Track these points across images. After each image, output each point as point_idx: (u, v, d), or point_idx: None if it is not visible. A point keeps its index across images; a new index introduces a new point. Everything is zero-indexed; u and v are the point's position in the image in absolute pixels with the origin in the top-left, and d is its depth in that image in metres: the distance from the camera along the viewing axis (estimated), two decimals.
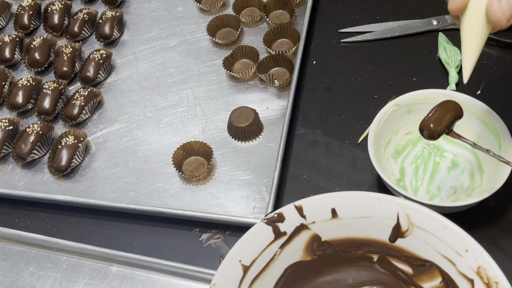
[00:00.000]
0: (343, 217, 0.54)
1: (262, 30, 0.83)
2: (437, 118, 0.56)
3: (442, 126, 0.56)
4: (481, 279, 0.49)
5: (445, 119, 0.56)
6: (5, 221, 0.71)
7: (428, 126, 0.56)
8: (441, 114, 0.56)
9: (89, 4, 0.92)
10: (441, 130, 0.56)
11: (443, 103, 0.57)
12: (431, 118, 0.56)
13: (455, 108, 0.57)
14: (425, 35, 0.80)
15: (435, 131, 0.56)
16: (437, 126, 0.56)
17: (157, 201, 0.69)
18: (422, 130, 0.56)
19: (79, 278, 0.65)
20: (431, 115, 0.56)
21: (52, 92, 0.78)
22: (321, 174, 0.69)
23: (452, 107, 0.57)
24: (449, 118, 0.56)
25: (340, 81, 0.77)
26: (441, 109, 0.56)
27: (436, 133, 0.56)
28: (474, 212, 0.61)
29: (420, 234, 0.52)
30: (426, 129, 0.56)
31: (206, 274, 0.61)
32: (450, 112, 0.56)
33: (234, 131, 0.73)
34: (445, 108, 0.56)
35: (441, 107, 0.57)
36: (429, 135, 0.56)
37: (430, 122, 0.56)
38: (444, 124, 0.56)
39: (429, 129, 0.56)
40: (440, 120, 0.56)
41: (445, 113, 0.56)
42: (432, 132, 0.56)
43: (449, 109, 0.56)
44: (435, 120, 0.56)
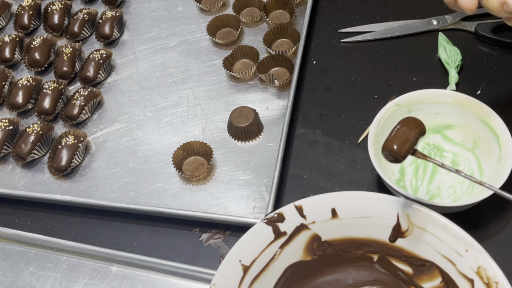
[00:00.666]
0: (343, 217, 0.54)
1: (262, 30, 0.83)
2: (400, 139, 0.51)
3: (407, 147, 0.51)
4: (481, 279, 0.49)
5: (409, 139, 0.51)
6: (5, 221, 0.71)
7: (391, 149, 0.50)
8: (404, 134, 0.51)
9: (89, 4, 0.92)
10: (406, 151, 0.51)
11: (404, 122, 0.52)
12: (394, 140, 0.51)
13: (417, 125, 0.52)
14: (425, 35, 0.80)
15: (400, 153, 0.50)
16: (401, 148, 0.50)
17: (157, 201, 0.69)
18: (386, 153, 0.51)
19: (79, 278, 0.65)
20: (393, 136, 0.51)
21: (52, 92, 0.78)
22: (321, 174, 0.69)
23: (414, 124, 0.52)
24: (413, 137, 0.51)
25: (340, 81, 0.77)
26: (403, 129, 0.51)
27: (401, 155, 0.50)
28: (474, 212, 0.61)
29: (420, 234, 0.52)
30: (389, 152, 0.51)
31: (206, 274, 0.61)
32: (413, 130, 0.51)
33: (234, 131, 0.73)
34: (407, 127, 0.51)
35: (403, 126, 0.51)
36: (394, 158, 0.51)
37: (393, 143, 0.51)
38: (408, 145, 0.51)
39: (393, 151, 0.50)
40: (404, 141, 0.51)
41: (408, 132, 0.51)
42: (396, 154, 0.50)
43: (411, 127, 0.51)
44: (399, 141, 0.50)
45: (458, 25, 0.79)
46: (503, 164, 0.59)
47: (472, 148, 0.65)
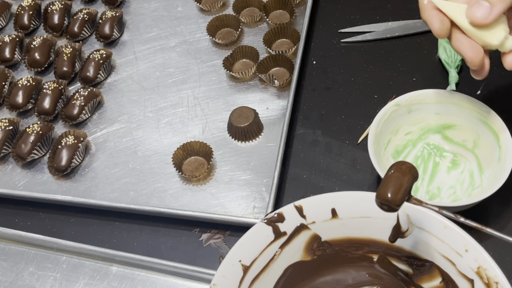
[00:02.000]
0: (343, 217, 0.54)
1: (262, 30, 0.83)
2: (393, 188, 0.48)
3: (401, 195, 0.48)
4: (481, 279, 0.49)
5: (403, 186, 0.48)
6: (5, 221, 0.71)
7: (386, 198, 0.48)
8: (397, 182, 0.48)
9: (89, 4, 0.92)
10: (401, 199, 0.48)
11: (396, 167, 0.49)
12: (387, 189, 0.48)
13: (409, 170, 0.49)
14: (425, 35, 0.80)
15: (395, 202, 0.48)
16: (396, 196, 0.48)
17: (157, 201, 0.69)
18: (380, 203, 0.49)
19: (79, 278, 0.65)
20: (385, 185, 0.48)
21: (52, 92, 0.78)
22: (321, 174, 0.69)
23: (406, 170, 0.49)
24: (406, 184, 0.48)
25: (340, 81, 0.77)
26: (395, 176, 0.48)
27: (396, 204, 0.48)
28: (474, 212, 0.61)
29: (420, 234, 0.52)
30: (384, 202, 0.48)
31: (206, 274, 0.61)
32: (405, 176, 0.48)
33: (234, 131, 0.73)
34: (399, 174, 0.49)
35: (395, 173, 0.49)
36: (389, 208, 0.49)
37: (386, 193, 0.48)
38: (402, 192, 0.48)
39: (388, 201, 0.48)
40: (398, 189, 0.48)
41: (401, 179, 0.48)
42: (391, 203, 0.48)
43: (404, 173, 0.49)
44: (392, 190, 0.48)
45: None
46: (503, 164, 0.59)
47: (472, 148, 0.65)
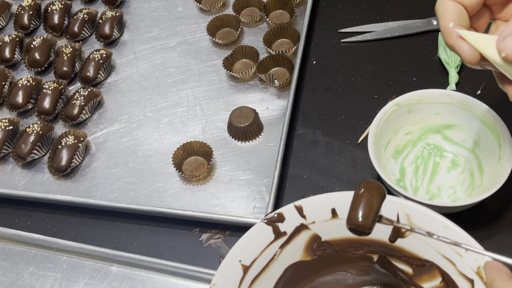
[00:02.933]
0: (343, 217, 0.54)
1: (262, 30, 0.83)
2: (363, 211, 0.46)
3: (372, 218, 0.47)
4: (481, 279, 0.49)
5: (372, 209, 0.47)
6: (5, 221, 0.71)
7: (357, 223, 0.46)
8: (366, 205, 0.47)
9: (89, 4, 0.92)
10: (373, 222, 0.47)
11: (364, 189, 0.47)
12: (357, 213, 0.47)
13: (377, 190, 0.47)
14: (425, 35, 0.80)
15: (366, 226, 0.46)
16: (366, 220, 0.46)
17: (157, 201, 0.69)
18: (352, 229, 0.47)
19: (79, 278, 0.65)
20: (355, 209, 0.47)
21: (52, 92, 0.78)
22: (321, 174, 0.69)
23: (374, 191, 0.47)
24: (376, 205, 0.47)
25: (340, 81, 0.77)
26: (363, 198, 0.47)
27: (367, 228, 0.47)
28: (474, 212, 0.61)
29: (420, 234, 0.52)
30: (355, 227, 0.47)
31: (206, 274, 0.61)
32: (373, 198, 0.47)
33: (234, 131, 0.73)
34: (368, 195, 0.47)
35: (363, 194, 0.47)
36: (361, 232, 0.47)
37: (356, 218, 0.46)
38: (372, 215, 0.47)
39: (359, 226, 0.46)
40: (368, 212, 0.46)
41: (369, 201, 0.47)
42: (363, 228, 0.46)
43: (371, 194, 0.47)
44: (362, 214, 0.46)
45: None
46: (503, 164, 0.59)
47: (472, 148, 0.65)
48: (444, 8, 0.49)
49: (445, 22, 0.48)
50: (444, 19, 0.48)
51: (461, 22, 0.48)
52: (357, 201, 0.47)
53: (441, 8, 0.49)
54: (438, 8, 0.49)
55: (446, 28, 0.48)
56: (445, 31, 0.48)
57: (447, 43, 0.48)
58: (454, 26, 0.48)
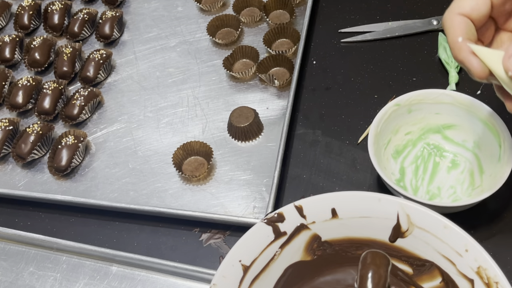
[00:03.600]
0: (343, 217, 0.54)
1: (262, 30, 0.83)
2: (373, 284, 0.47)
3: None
4: (481, 279, 0.49)
5: (381, 280, 0.47)
6: (5, 221, 0.71)
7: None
8: (375, 278, 0.47)
9: (89, 4, 0.92)
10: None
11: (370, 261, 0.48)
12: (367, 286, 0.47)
13: (381, 261, 0.48)
14: (425, 35, 0.80)
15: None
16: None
17: (157, 201, 0.69)
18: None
19: (79, 278, 0.65)
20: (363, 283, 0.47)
21: (52, 92, 0.78)
22: (321, 174, 0.69)
23: (379, 263, 0.48)
24: (383, 276, 0.47)
25: (340, 81, 0.77)
26: (372, 272, 0.47)
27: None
28: (474, 212, 0.61)
29: (420, 234, 0.52)
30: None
31: (206, 274, 0.61)
32: (381, 269, 0.47)
33: (234, 131, 0.73)
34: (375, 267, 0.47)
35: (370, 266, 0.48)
36: None
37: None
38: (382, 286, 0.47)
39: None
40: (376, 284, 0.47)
41: (378, 273, 0.47)
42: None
43: (378, 266, 0.47)
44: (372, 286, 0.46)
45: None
46: (503, 164, 0.59)
47: (472, 148, 0.65)
48: (452, 22, 0.48)
49: (454, 36, 0.48)
50: (452, 34, 0.48)
51: (469, 36, 0.48)
52: (364, 276, 0.47)
53: (448, 22, 0.49)
54: (445, 22, 0.49)
55: (456, 42, 0.48)
56: (454, 46, 0.48)
57: (456, 57, 0.48)
58: (463, 40, 0.47)
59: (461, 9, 0.48)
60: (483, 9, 0.48)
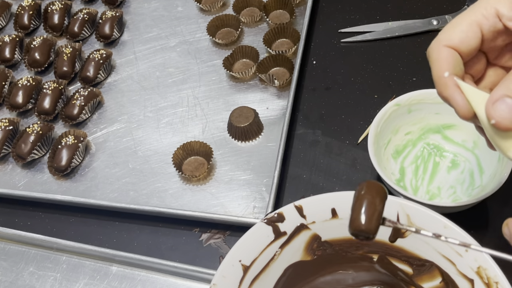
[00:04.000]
0: (343, 217, 0.54)
1: (262, 30, 0.83)
2: (366, 215, 0.44)
3: (376, 221, 0.44)
4: (481, 279, 0.49)
5: (376, 211, 0.44)
6: (5, 221, 0.71)
7: (360, 228, 0.44)
8: (368, 208, 0.44)
9: (89, 4, 0.92)
10: (376, 226, 0.44)
11: (364, 191, 0.45)
12: (359, 217, 0.44)
13: (378, 191, 0.45)
14: (425, 35, 0.80)
15: (370, 230, 0.44)
16: (370, 224, 0.44)
17: (157, 201, 0.69)
18: (355, 234, 0.45)
19: (79, 278, 0.65)
20: (356, 213, 0.44)
21: (52, 92, 0.78)
22: (321, 174, 0.69)
23: (375, 192, 0.45)
24: (378, 207, 0.44)
25: (340, 81, 0.77)
26: (365, 201, 0.45)
27: (371, 233, 0.44)
28: (474, 212, 0.61)
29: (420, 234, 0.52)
30: (359, 232, 0.44)
31: (206, 274, 0.61)
32: (376, 199, 0.45)
33: (234, 131, 0.73)
34: (369, 197, 0.45)
35: (364, 196, 0.45)
36: (364, 237, 0.45)
37: (359, 222, 0.44)
38: (376, 217, 0.44)
39: (362, 230, 0.44)
40: (371, 216, 0.44)
41: (372, 203, 0.44)
42: (366, 233, 0.44)
43: (373, 196, 0.45)
44: (365, 217, 0.44)
45: None
46: (503, 164, 0.59)
47: (472, 148, 0.65)
48: (438, 55, 0.44)
49: (439, 70, 0.44)
50: (438, 68, 0.44)
51: (456, 71, 0.44)
52: (358, 204, 0.45)
53: (435, 54, 0.44)
54: (431, 54, 0.45)
55: (441, 77, 0.44)
56: (439, 81, 0.44)
57: (440, 93, 0.44)
58: (450, 75, 0.43)
59: (449, 41, 0.44)
60: (473, 42, 0.44)
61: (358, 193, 0.45)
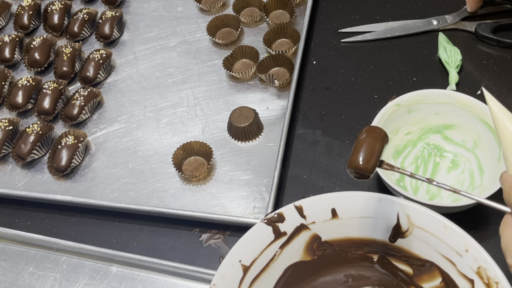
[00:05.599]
0: (343, 217, 0.54)
1: (262, 30, 0.83)
2: (365, 154, 0.47)
3: (373, 162, 0.47)
4: (481, 279, 0.49)
5: (374, 153, 0.47)
6: (5, 221, 0.71)
7: (358, 166, 0.47)
8: (368, 149, 0.47)
9: (89, 4, 0.92)
10: (373, 166, 0.47)
11: (366, 134, 0.48)
12: (359, 156, 0.47)
13: (379, 135, 0.48)
14: (425, 35, 0.80)
15: (367, 169, 0.47)
16: (367, 164, 0.47)
17: (157, 201, 0.69)
18: (352, 171, 0.48)
19: (79, 278, 0.65)
20: (357, 152, 0.47)
21: (52, 92, 0.78)
22: (321, 174, 0.69)
23: (377, 135, 0.48)
24: (378, 150, 0.47)
25: (340, 81, 0.77)
26: (367, 142, 0.47)
27: (368, 172, 0.47)
28: (474, 212, 0.61)
29: (420, 234, 0.52)
30: (356, 170, 0.47)
31: (206, 274, 0.61)
32: (376, 142, 0.48)
33: (234, 131, 0.72)
34: (371, 140, 0.48)
35: (366, 138, 0.48)
36: (360, 175, 0.48)
37: (358, 161, 0.47)
38: (374, 159, 0.47)
39: (359, 168, 0.47)
40: (369, 155, 0.47)
41: (372, 145, 0.47)
42: (363, 171, 0.47)
43: (374, 138, 0.48)
44: (364, 156, 0.47)
45: (458, 25, 0.79)
46: (503, 164, 0.59)
47: (472, 148, 0.65)
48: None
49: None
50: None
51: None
52: (358, 146, 0.47)
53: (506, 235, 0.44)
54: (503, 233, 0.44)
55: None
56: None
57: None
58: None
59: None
60: None
61: (360, 135, 0.48)
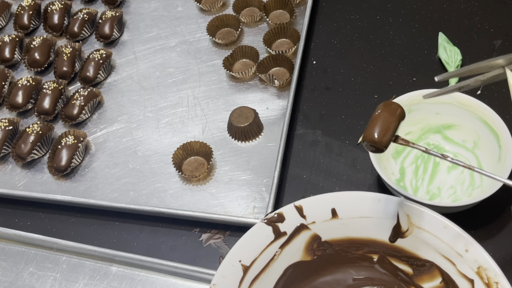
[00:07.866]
0: (343, 217, 0.54)
1: (262, 30, 0.83)
2: (381, 128, 0.47)
3: (389, 136, 0.47)
4: (481, 279, 0.49)
5: (390, 127, 0.47)
6: (5, 221, 0.71)
7: (373, 139, 0.47)
8: (384, 123, 0.47)
9: (89, 4, 0.92)
10: (388, 140, 0.47)
11: (383, 108, 0.49)
12: (374, 130, 0.47)
13: (396, 110, 0.48)
14: (425, 35, 0.80)
15: (382, 143, 0.47)
16: (383, 137, 0.47)
17: (157, 201, 0.69)
18: (367, 144, 0.48)
19: (79, 278, 0.65)
20: (373, 126, 0.48)
21: (52, 92, 0.78)
22: (321, 174, 0.69)
23: (393, 110, 0.48)
24: (394, 124, 0.48)
25: (340, 81, 0.77)
26: (383, 117, 0.48)
27: (383, 145, 0.48)
28: (474, 212, 0.61)
29: (420, 234, 0.52)
30: (371, 143, 0.48)
31: (206, 274, 0.61)
32: (393, 116, 0.48)
33: (234, 131, 0.72)
34: (387, 114, 0.48)
35: (382, 113, 0.48)
36: (375, 148, 0.48)
37: (374, 134, 0.47)
38: (390, 133, 0.47)
39: (375, 142, 0.47)
40: (385, 129, 0.47)
41: (388, 120, 0.48)
42: (378, 145, 0.48)
43: (391, 113, 0.48)
44: (380, 130, 0.47)
45: None
46: (503, 164, 0.59)
47: (472, 148, 0.65)
48: None
49: None
50: None
51: None
52: (375, 120, 0.48)
53: None
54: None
55: None
56: None
57: None
58: None
59: None
60: None
61: (379, 108, 0.48)
